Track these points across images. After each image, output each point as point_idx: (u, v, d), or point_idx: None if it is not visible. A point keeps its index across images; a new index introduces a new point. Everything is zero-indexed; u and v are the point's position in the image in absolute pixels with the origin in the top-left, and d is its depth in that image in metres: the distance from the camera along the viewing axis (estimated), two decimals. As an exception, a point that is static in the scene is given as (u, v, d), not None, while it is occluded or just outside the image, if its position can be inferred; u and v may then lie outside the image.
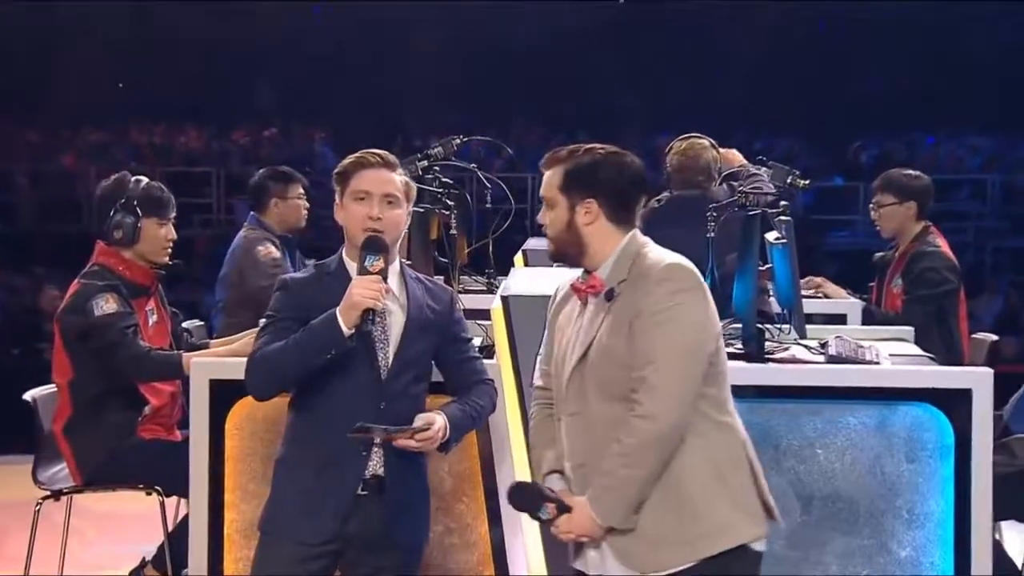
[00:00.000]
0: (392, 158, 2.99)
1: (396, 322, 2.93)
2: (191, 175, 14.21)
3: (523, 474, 3.35)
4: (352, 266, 2.92)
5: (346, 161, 2.99)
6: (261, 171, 5.23)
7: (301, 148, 15.51)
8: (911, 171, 4.80)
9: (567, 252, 2.75)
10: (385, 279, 2.87)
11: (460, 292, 4.43)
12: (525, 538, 3.36)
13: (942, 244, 4.68)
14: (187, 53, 16.46)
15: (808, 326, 3.95)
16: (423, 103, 17.09)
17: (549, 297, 3.26)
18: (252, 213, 5.16)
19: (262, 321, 2.99)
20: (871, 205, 4.81)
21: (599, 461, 2.61)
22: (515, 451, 3.36)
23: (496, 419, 3.30)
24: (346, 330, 2.81)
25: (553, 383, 2.78)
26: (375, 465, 2.90)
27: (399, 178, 2.97)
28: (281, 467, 2.95)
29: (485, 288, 4.80)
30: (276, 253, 4.95)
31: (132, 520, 5.02)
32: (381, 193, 2.93)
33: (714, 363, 2.62)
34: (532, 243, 5.36)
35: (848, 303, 4.74)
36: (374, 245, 2.89)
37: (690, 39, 16.16)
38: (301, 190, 5.12)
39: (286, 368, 2.85)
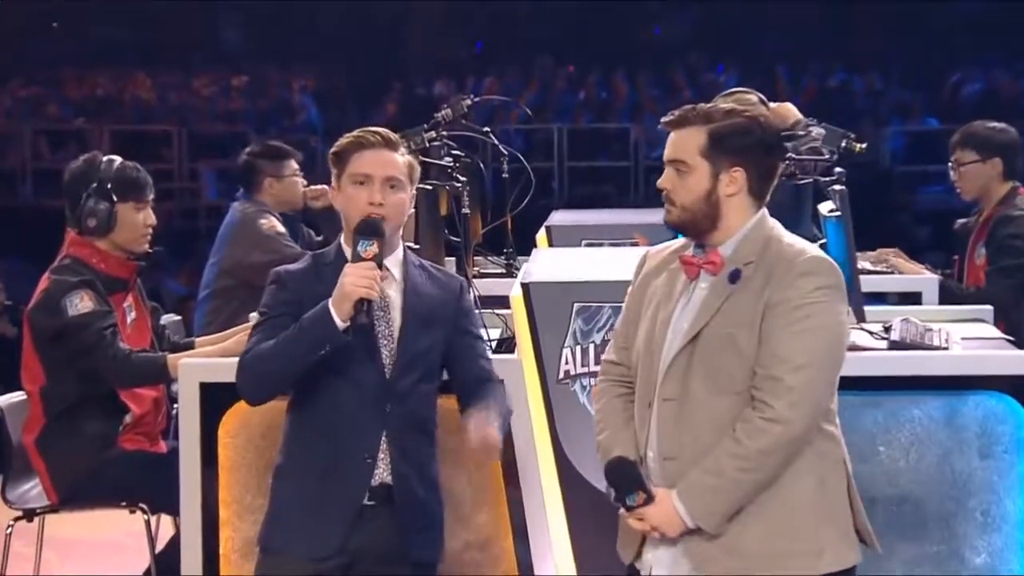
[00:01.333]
0: (394, 137, 3.31)
1: (399, 316, 3.24)
2: (145, 135, 14.53)
3: (550, 483, 3.74)
4: (351, 252, 3.20)
5: (343, 141, 3.29)
6: (249, 149, 5.61)
7: (278, 99, 15.76)
8: (995, 123, 5.09)
9: (697, 225, 2.95)
10: (381, 265, 3.17)
11: (475, 276, 4.82)
12: (554, 553, 3.72)
13: (1032, 207, 4.98)
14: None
15: (877, 307, 4.32)
16: (426, 38, 17.32)
17: (575, 284, 3.65)
18: (241, 191, 5.54)
19: (254, 316, 3.34)
20: (950, 164, 5.12)
21: (694, 455, 2.89)
22: (541, 456, 3.74)
23: (519, 422, 3.66)
24: (340, 323, 3.08)
25: (638, 362, 3.01)
26: (382, 473, 3.21)
27: (402, 159, 3.28)
28: (280, 477, 3.28)
29: (504, 271, 5.18)
30: (280, 227, 5.33)
31: (114, 544, 5.43)
32: (383, 176, 3.22)
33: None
34: (558, 217, 5.71)
35: (923, 279, 5.05)
36: (368, 228, 3.17)
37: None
38: (295, 166, 5.52)
39: (279, 368, 3.14)
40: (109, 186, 4.18)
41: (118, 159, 4.27)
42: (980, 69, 15.06)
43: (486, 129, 5.10)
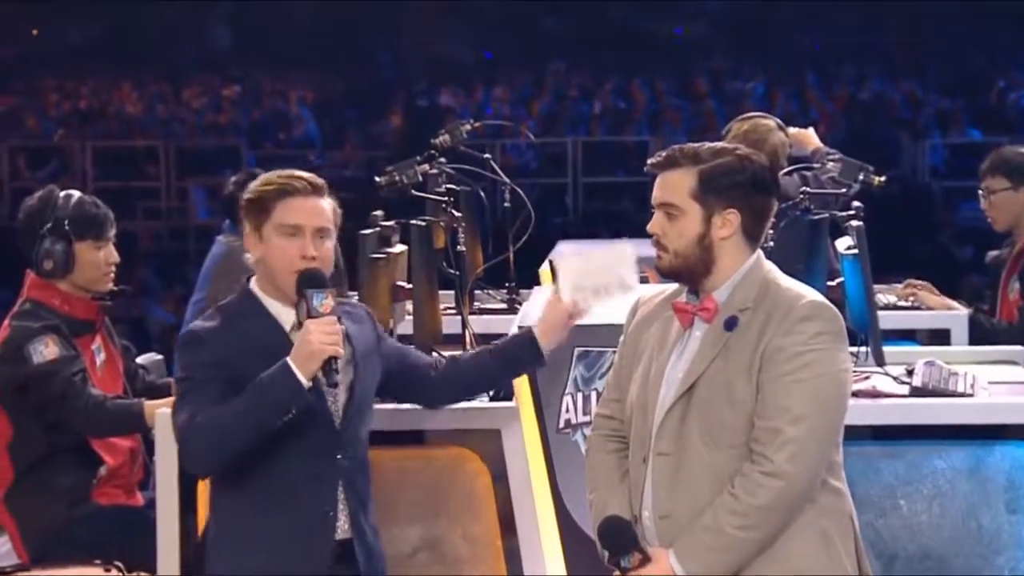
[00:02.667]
0: (320, 182, 3.31)
1: (340, 363, 3.22)
2: (132, 151, 14.64)
3: (550, 538, 3.79)
4: (272, 304, 3.23)
5: (263, 187, 3.25)
6: (235, 178, 5.65)
7: (272, 111, 15.86)
8: (1028, 148, 5.14)
9: (691, 271, 3.00)
10: (339, 319, 3.18)
11: (474, 313, 4.88)
12: (555, 610, 3.79)
13: (1070, 238, 5.03)
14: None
15: (900, 348, 4.36)
16: (434, 44, 17.37)
17: (576, 328, 3.70)
18: (227, 222, 5.60)
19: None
20: (980, 191, 5.17)
21: (691, 513, 2.94)
22: (540, 509, 3.79)
23: (516, 473, 3.73)
24: (305, 383, 3.09)
25: (631, 415, 3.08)
26: (342, 525, 3.26)
27: (328, 205, 3.26)
28: (224, 554, 3.25)
29: (506, 306, 5.24)
30: None
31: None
32: (314, 227, 3.21)
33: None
34: (562, 249, 5.75)
35: (951, 315, 5.10)
36: (316, 280, 3.16)
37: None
38: None
39: (238, 436, 3.10)
40: (66, 224, 4.22)
41: (76, 194, 4.31)
42: (1025, 76, 15.07)
43: (487, 156, 5.17)
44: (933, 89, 15.57)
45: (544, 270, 5.31)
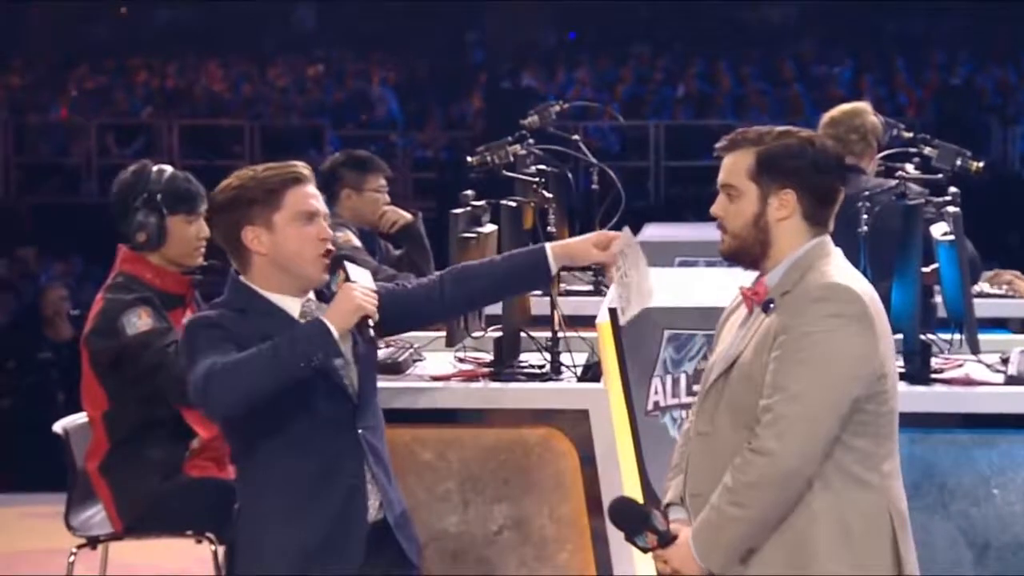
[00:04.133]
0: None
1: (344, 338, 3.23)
2: (217, 130, 14.78)
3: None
4: (277, 298, 3.25)
5: (271, 175, 3.24)
6: (336, 155, 5.67)
7: (355, 92, 15.92)
8: None
9: (748, 252, 3.02)
10: None
11: (561, 295, 4.88)
12: (642, 595, 3.79)
13: None
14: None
15: (994, 335, 4.31)
16: (515, 28, 17.38)
17: (666, 310, 3.70)
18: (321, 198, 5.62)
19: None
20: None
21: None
22: (628, 492, 3.79)
23: (604, 454, 3.74)
24: (337, 336, 3.11)
25: None
26: (373, 504, 3.26)
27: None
28: (258, 528, 3.24)
29: (591, 288, 5.25)
30: (356, 241, 5.37)
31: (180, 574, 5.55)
32: (324, 212, 3.29)
33: (869, 411, 2.93)
34: (650, 232, 5.76)
35: (1048, 303, 5.06)
36: (337, 263, 3.24)
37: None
38: (382, 181, 5.54)
39: (259, 379, 3.09)
40: (159, 198, 4.27)
41: (169, 169, 4.37)
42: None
43: (576, 137, 5.17)
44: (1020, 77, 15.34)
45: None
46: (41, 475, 6.30)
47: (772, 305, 2.97)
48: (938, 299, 4.31)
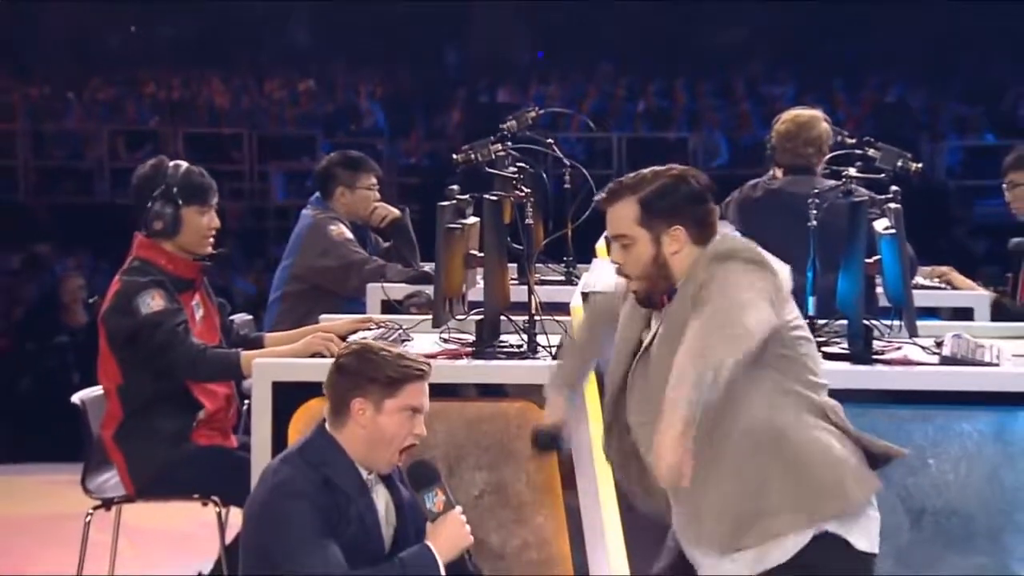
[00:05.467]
0: None
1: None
2: (219, 138, 14.72)
3: (606, 486, 3.78)
4: (367, 476, 3.18)
5: (399, 364, 3.19)
6: (331, 155, 5.68)
7: (345, 103, 15.88)
8: (1051, 143, 5.10)
9: (658, 289, 3.00)
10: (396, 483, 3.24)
11: (536, 284, 4.87)
12: (609, 557, 3.77)
13: (1088, 228, 4.99)
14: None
15: (930, 322, 4.32)
16: (491, 47, 17.36)
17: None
18: (316, 196, 5.61)
19: (324, 317, 3.24)
20: (1004, 185, 5.12)
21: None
22: (598, 459, 3.78)
23: (578, 427, 3.72)
24: (443, 572, 3.12)
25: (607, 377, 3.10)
26: None
27: None
28: None
29: (564, 279, 5.24)
30: (349, 234, 5.39)
31: (186, 535, 5.56)
32: (426, 409, 3.24)
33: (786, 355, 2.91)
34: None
35: (976, 295, 5.06)
36: (429, 476, 3.23)
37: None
38: (373, 180, 5.56)
39: None
40: (175, 190, 4.24)
41: (184, 164, 4.34)
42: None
43: (550, 141, 5.15)
44: (953, 97, 15.41)
45: (600, 245, 5.30)
46: (58, 447, 6.25)
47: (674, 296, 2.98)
48: (880, 290, 4.32)
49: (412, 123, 15.24)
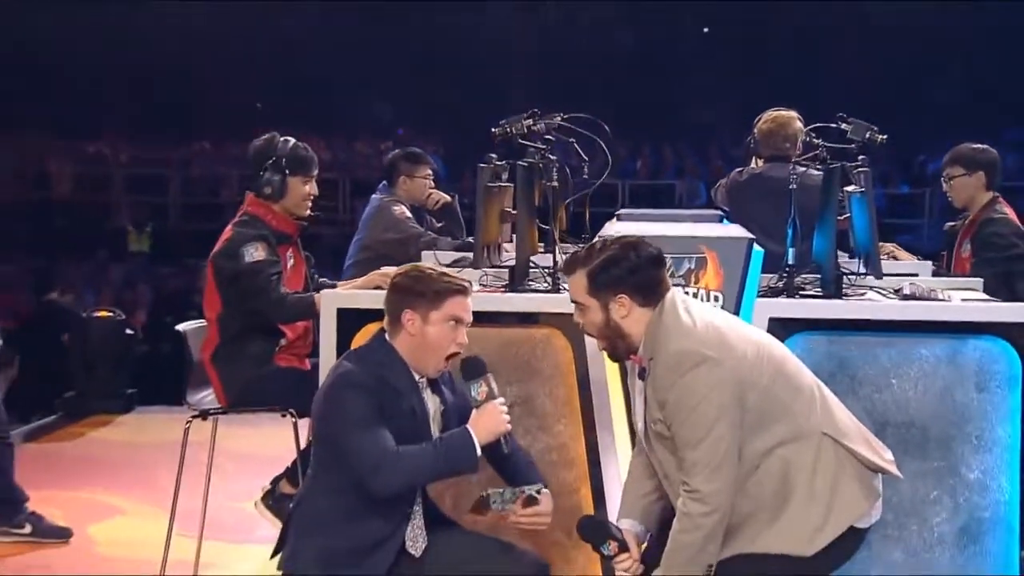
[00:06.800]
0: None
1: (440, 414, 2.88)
2: (322, 181, 14.50)
3: (617, 399, 3.34)
4: (418, 379, 2.82)
5: (442, 279, 2.85)
6: (395, 151, 5.37)
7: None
8: (978, 144, 4.67)
9: (617, 347, 2.68)
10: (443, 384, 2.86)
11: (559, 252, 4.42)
12: (620, 464, 3.34)
13: (1009, 212, 4.55)
14: (311, 68, 16.26)
15: (889, 278, 3.86)
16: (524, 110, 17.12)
17: (652, 238, 3.22)
18: (383, 183, 5.28)
19: (387, 268, 2.83)
20: (942, 178, 4.70)
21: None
22: (609, 377, 3.36)
23: (592, 348, 3.28)
24: (479, 453, 2.77)
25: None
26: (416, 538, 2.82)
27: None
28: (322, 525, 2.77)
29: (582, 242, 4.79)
30: (408, 213, 5.09)
31: (269, 459, 5.09)
32: (470, 321, 2.88)
33: (758, 407, 2.54)
34: (626, 211, 5.30)
35: (920, 264, 4.60)
36: (478, 368, 2.82)
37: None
38: (429, 171, 5.24)
39: (418, 477, 2.75)
40: (284, 161, 3.91)
41: (292, 140, 4.01)
42: (940, 149, 14.48)
43: (572, 140, 4.73)
44: (879, 160, 15.03)
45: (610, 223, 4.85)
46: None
47: (647, 372, 2.59)
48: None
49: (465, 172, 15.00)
